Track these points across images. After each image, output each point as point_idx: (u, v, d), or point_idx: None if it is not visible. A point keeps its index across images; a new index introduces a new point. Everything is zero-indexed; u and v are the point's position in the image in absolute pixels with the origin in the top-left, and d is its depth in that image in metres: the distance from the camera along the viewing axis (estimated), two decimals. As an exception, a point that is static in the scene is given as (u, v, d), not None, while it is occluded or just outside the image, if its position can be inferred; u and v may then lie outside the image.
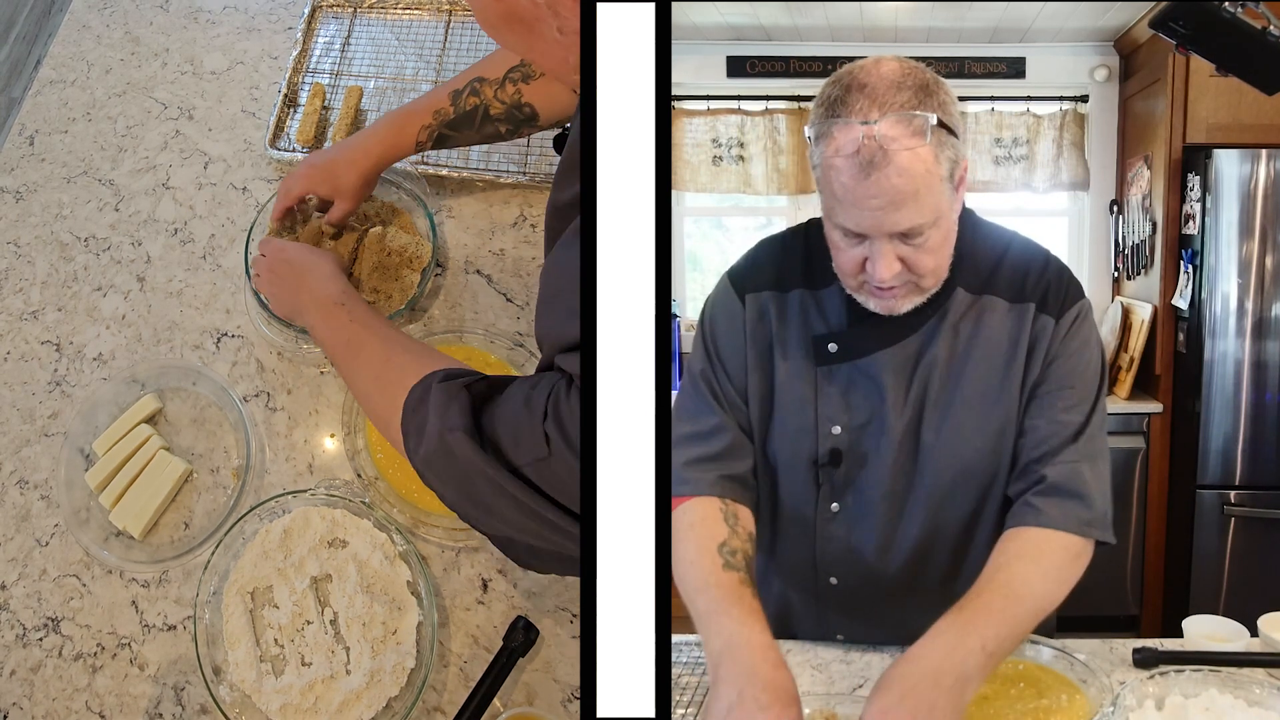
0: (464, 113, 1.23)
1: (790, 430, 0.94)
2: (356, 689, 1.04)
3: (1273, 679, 0.88)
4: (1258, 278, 2.08)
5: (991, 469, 0.92)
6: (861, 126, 0.78)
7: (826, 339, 0.92)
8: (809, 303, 0.93)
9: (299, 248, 1.20)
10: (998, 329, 0.89)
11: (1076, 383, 0.89)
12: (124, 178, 1.46)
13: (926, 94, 0.80)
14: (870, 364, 0.91)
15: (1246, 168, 2.06)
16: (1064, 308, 0.89)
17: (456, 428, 0.81)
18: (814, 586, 1.01)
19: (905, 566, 0.97)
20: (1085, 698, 0.88)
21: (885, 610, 1.00)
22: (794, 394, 0.93)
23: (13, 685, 1.10)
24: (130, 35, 1.62)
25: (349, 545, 1.12)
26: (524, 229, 1.37)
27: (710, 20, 2.48)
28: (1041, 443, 0.89)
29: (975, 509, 0.94)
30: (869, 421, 0.92)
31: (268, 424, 1.24)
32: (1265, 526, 2.11)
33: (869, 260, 0.83)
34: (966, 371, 0.90)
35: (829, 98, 0.82)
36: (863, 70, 0.81)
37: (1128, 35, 2.49)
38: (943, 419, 0.91)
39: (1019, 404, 0.90)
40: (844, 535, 0.97)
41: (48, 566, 1.17)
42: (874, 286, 0.85)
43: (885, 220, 0.80)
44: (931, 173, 0.79)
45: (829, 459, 0.93)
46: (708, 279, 2.71)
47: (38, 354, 1.32)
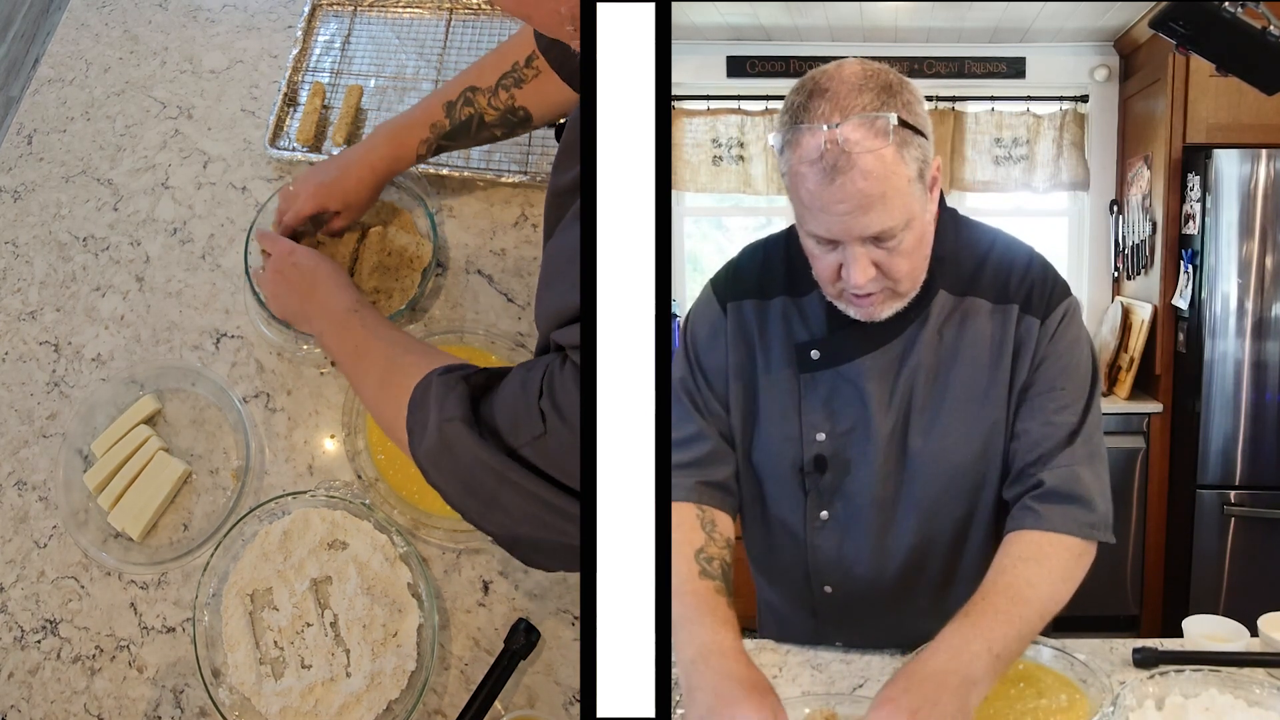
0: (459, 123, 1.23)
1: (775, 438, 0.94)
2: (357, 691, 1.04)
3: (1273, 679, 0.88)
4: (1258, 278, 2.08)
5: (980, 472, 0.92)
6: (824, 131, 0.77)
7: (809, 346, 0.91)
8: (791, 310, 0.93)
9: (307, 253, 1.18)
10: (982, 332, 0.89)
11: (1067, 383, 0.89)
12: (123, 177, 1.46)
13: (889, 94, 0.79)
14: (853, 370, 0.90)
15: (1246, 168, 2.06)
16: (1049, 308, 0.88)
17: (454, 417, 0.81)
18: (809, 595, 1.01)
19: (900, 573, 0.97)
20: (1085, 698, 0.88)
21: (882, 618, 1.00)
22: (778, 402, 0.93)
23: (11, 688, 1.10)
24: (129, 34, 1.61)
25: (349, 547, 1.12)
26: (525, 229, 1.37)
27: (710, 20, 2.48)
28: (1035, 445, 0.88)
29: (967, 513, 0.94)
30: (853, 428, 0.92)
31: (267, 425, 1.24)
32: (1265, 526, 2.11)
33: (844, 266, 0.83)
34: (953, 375, 0.89)
35: (793, 105, 0.81)
36: (825, 75, 0.81)
37: (1128, 35, 2.49)
38: (930, 423, 0.90)
39: (1006, 407, 0.89)
40: (835, 544, 0.97)
41: (46, 568, 1.17)
42: (851, 294, 0.85)
43: (854, 225, 0.79)
44: (898, 174, 0.78)
45: (814, 466, 0.93)
46: (708, 279, 2.70)
47: (36, 354, 1.31)
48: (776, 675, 0.97)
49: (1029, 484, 0.88)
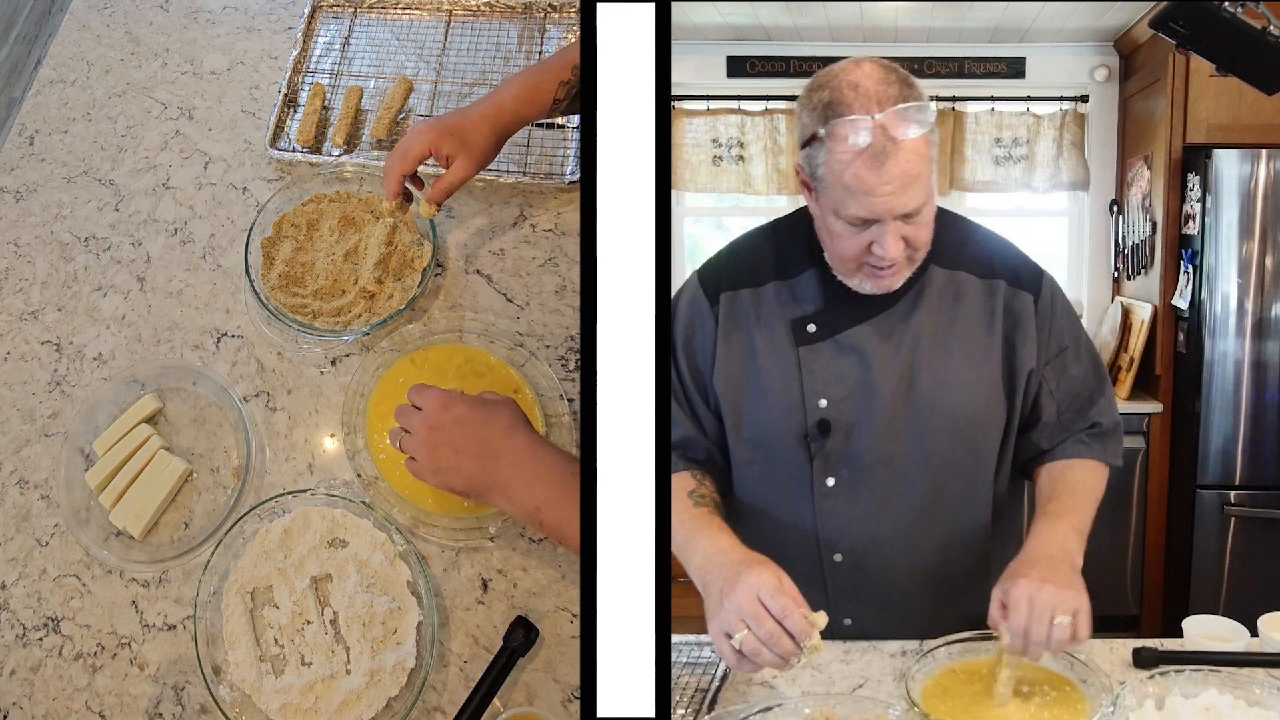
0: None
1: (778, 410, 0.99)
2: (356, 689, 1.04)
3: (1273, 679, 0.88)
4: (1258, 278, 2.08)
5: (982, 430, 0.99)
6: (870, 121, 0.85)
7: (804, 320, 0.98)
8: (785, 292, 0.99)
9: (463, 402, 0.98)
10: (975, 300, 0.98)
11: (1075, 340, 1.01)
12: (124, 178, 1.46)
13: (909, 87, 0.88)
14: (852, 336, 0.97)
15: (1246, 168, 2.06)
16: (1039, 285, 0.99)
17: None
18: (819, 569, 1.03)
19: (909, 534, 1.00)
20: (1085, 697, 0.88)
21: (892, 585, 1.02)
22: (779, 375, 0.99)
23: (13, 685, 1.10)
24: (130, 35, 1.62)
25: (349, 545, 1.12)
26: (524, 229, 1.37)
27: (710, 20, 2.48)
28: (1074, 395, 1.01)
29: (971, 471, 1.00)
30: (856, 390, 0.97)
31: (268, 424, 1.24)
32: (1265, 526, 2.11)
33: (875, 243, 0.90)
34: (953, 338, 0.97)
35: (821, 101, 0.88)
36: (846, 72, 0.88)
37: (1128, 35, 2.49)
38: (938, 379, 0.97)
39: (1000, 372, 0.98)
40: (844, 508, 1.00)
41: (48, 566, 1.17)
42: (875, 268, 0.92)
43: (896, 203, 0.87)
44: (929, 156, 0.88)
45: (819, 431, 0.98)
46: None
47: (38, 354, 1.32)
48: (777, 675, 0.97)
49: (1083, 424, 1.02)
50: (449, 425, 0.96)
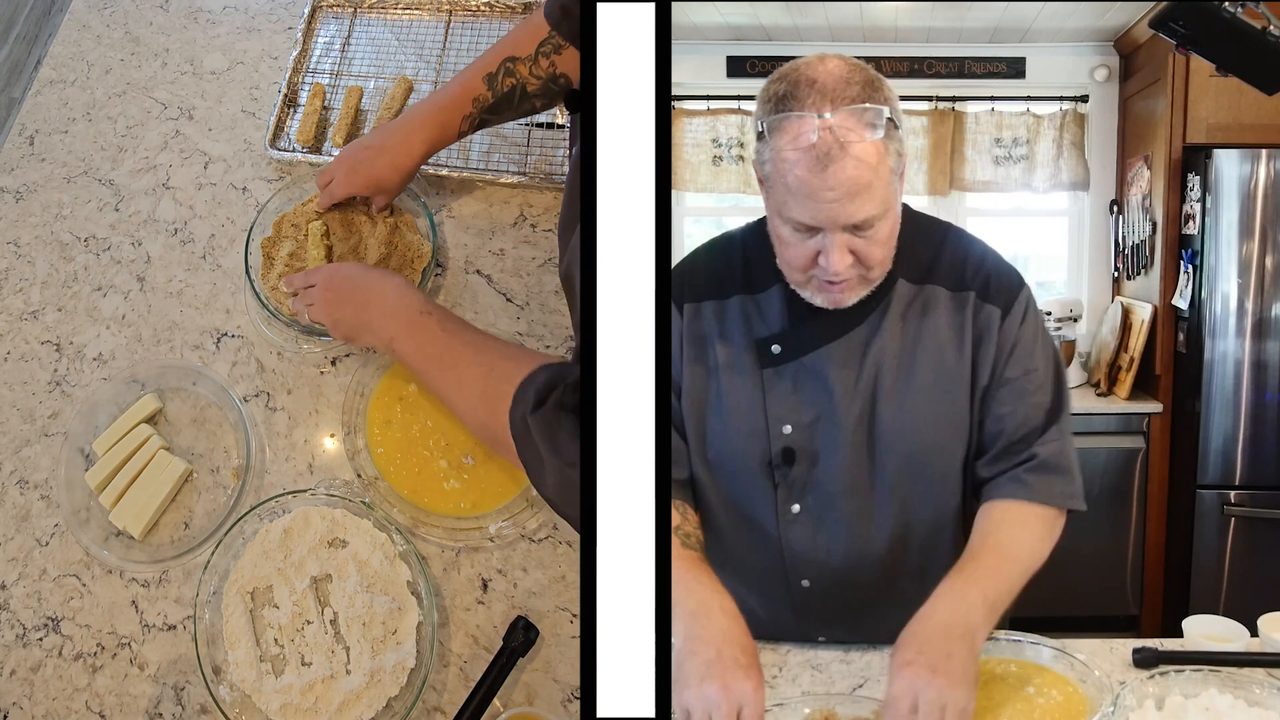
0: (502, 95, 1.20)
1: (741, 434, 0.94)
2: (356, 689, 1.04)
3: (1273, 679, 0.88)
4: (1258, 278, 2.08)
5: (950, 455, 0.94)
6: (817, 120, 0.80)
7: (769, 341, 0.93)
8: (750, 307, 0.94)
9: (355, 266, 1.17)
10: (943, 319, 0.92)
11: (1039, 364, 0.93)
12: (124, 178, 1.46)
13: (873, 89, 0.82)
14: (817, 359, 0.92)
15: (1246, 168, 2.06)
16: (1010, 299, 0.92)
17: (574, 463, 0.83)
18: (787, 593, 1.00)
19: (879, 562, 0.97)
20: (1085, 697, 0.88)
21: (864, 610, 0.99)
22: (741, 398, 0.94)
23: (13, 685, 1.10)
24: (130, 35, 1.62)
25: (349, 545, 1.12)
26: (524, 229, 1.37)
27: (710, 20, 2.48)
28: (1023, 423, 0.92)
29: (941, 497, 0.96)
30: (820, 417, 0.93)
31: (268, 424, 1.24)
32: (1265, 526, 2.11)
33: (821, 253, 0.85)
34: (918, 360, 0.92)
35: (776, 94, 0.83)
36: (808, 66, 0.83)
37: (1128, 35, 2.49)
38: (898, 408, 0.92)
39: (970, 393, 0.92)
40: (809, 536, 0.97)
41: (48, 566, 1.17)
42: (823, 281, 0.87)
43: (841, 212, 0.81)
44: (883, 164, 0.81)
45: (782, 459, 0.94)
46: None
47: (38, 354, 1.32)
48: (777, 675, 0.97)
49: (1020, 458, 0.92)
50: (340, 282, 1.15)
